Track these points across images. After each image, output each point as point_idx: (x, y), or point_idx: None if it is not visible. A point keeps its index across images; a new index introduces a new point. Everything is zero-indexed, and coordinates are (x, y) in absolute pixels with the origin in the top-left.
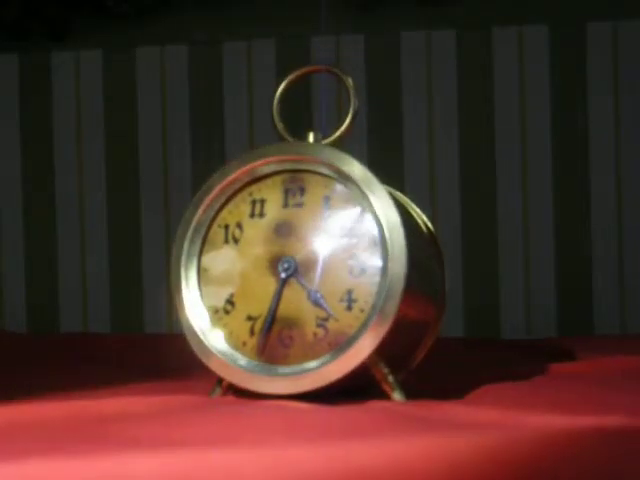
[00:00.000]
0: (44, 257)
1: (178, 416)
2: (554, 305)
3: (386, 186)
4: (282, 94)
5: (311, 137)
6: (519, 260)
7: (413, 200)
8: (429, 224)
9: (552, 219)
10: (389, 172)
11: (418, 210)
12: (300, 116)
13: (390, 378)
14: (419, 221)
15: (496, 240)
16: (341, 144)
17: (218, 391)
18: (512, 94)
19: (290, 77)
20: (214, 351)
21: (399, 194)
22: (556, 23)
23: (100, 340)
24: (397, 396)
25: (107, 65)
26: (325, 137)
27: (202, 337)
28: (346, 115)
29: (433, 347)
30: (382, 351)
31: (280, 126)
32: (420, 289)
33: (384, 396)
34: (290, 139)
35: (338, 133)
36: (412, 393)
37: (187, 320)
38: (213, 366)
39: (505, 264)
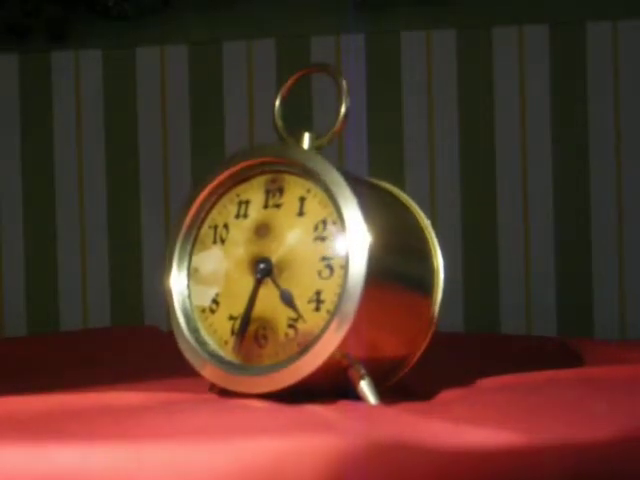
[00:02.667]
0: (44, 257)
1: (144, 413)
2: (554, 305)
3: (388, 185)
4: (282, 97)
5: (306, 137)
6: (519, 260)
7: (413, 200)
8: (429, 225)
9: (552, 219)
10: (389, 172)
11: (419, 210)
12: (300, 116)
13: (365, 379)
14: (420, 222)
15: (496, 240)
16: (338, 144)
17: (212, 390)
18: (512, 94)
19: (287, 84)
20: (199, 350)
21: (401, 193)
22: (556, 23)
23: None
24: (371, 399)
25: (107, 65)
26: (319, 137)
27: (189, 336)
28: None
29: (430, 346)
30: (363, 352)
31: (280, 126)
32: (413, 289)
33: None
34: (289, 139)
35: (330, 133)
36: (400, 394)
37: (176, 318)
38: (198, 365)
39: (505, 264)
